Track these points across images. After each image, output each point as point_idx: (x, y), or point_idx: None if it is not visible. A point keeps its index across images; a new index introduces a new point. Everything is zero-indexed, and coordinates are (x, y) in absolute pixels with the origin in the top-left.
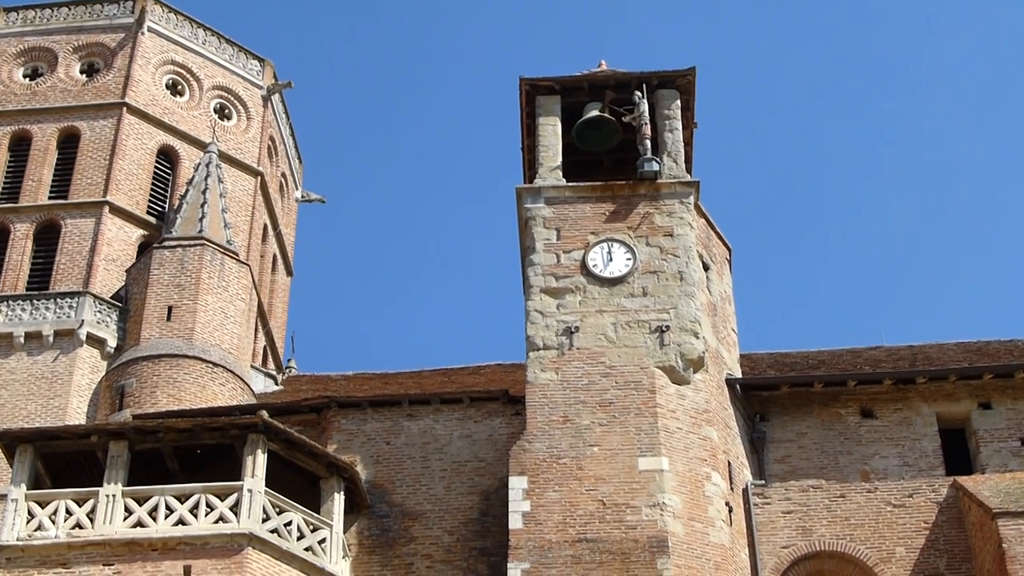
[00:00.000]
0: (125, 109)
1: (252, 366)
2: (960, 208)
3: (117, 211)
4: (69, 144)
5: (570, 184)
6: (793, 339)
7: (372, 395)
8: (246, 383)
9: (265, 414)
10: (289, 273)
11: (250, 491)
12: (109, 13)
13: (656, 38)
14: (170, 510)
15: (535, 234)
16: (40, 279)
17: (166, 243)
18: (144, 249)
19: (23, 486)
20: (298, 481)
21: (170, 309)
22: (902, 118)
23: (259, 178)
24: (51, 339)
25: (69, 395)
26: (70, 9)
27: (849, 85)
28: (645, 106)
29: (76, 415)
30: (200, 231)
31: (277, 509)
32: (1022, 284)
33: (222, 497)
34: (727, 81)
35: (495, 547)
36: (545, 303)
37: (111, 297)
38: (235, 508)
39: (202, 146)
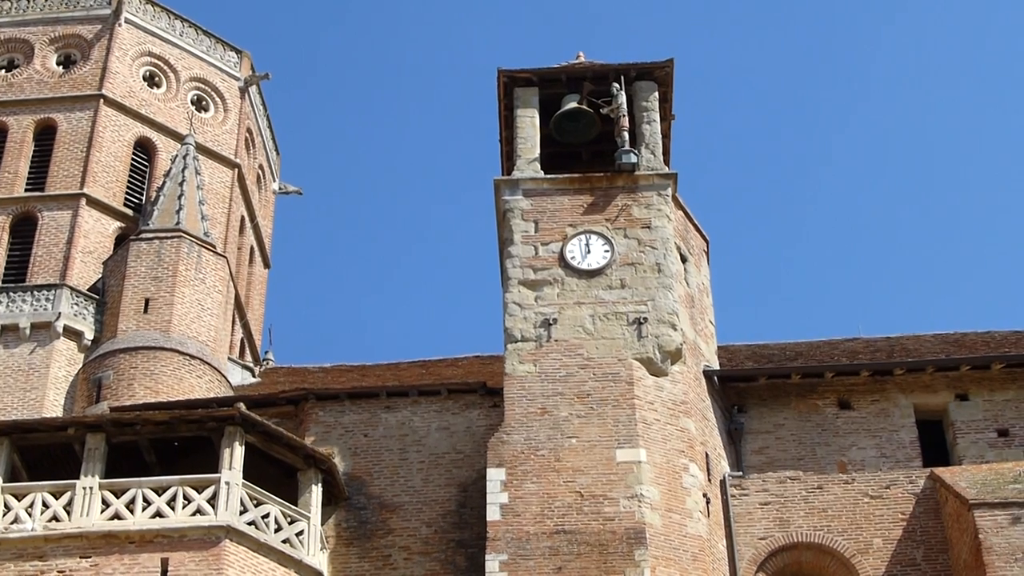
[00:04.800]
0: (102, 101)
1: (229, 358)
2: (938, 200)
3: (94, 203)
4: (46, 136)
5: (548, 176)
6: (770, 331)
7: (350, 387)
8: (223, 375)
9: (242, 406)
10: (266, 265)
11: (227, 483)
12: (86, 4)
13: (634, 30)
14: (147, 502)
15: (513, 226)
16: (16, 271)
17: (143, 235)
18: (121, 241)
19: None
20: (276, 473)
21: (147, 301)
22: (879, 110)
23: (236, 170)
24: (28, 331)
25: (46, 388)
26: (46, 0)
27: (826, 77)
28: (623, 98)
29: (53, 408)
30: (177, 223)
31: (255, 501)
32: (999, 276)
33: (199, 489)
34: (705, 73)
35: (473, 539)
36: (523, 295)
37: (88, 289)
38: (213, 500)
39: (179, 138)
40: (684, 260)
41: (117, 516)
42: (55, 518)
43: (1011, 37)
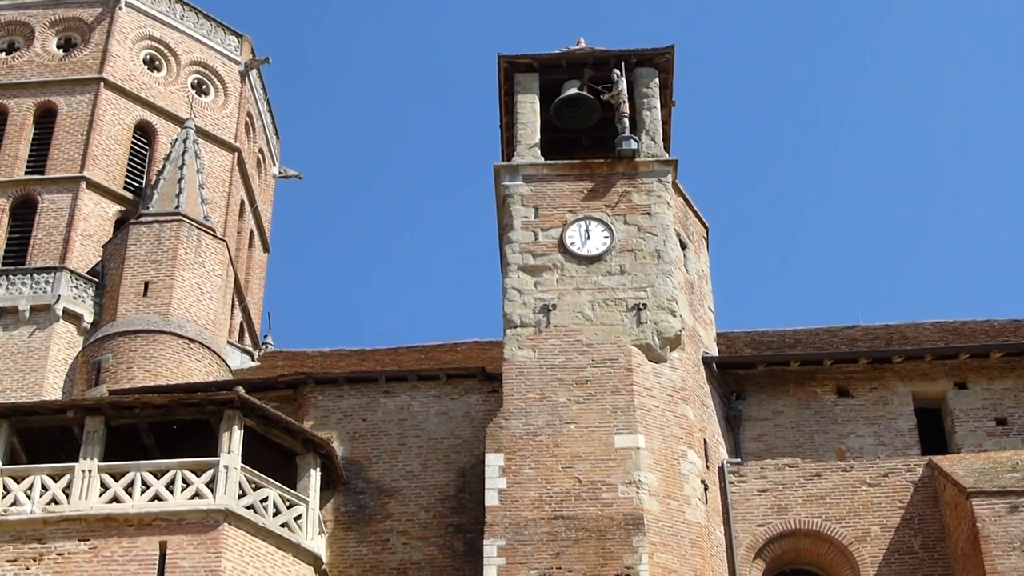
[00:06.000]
0: (102, 84)
1: (228, 342)
2: (938, 188)
3: (94, 186)
4: (46, 119)
5: (548, 162)
6: (770, 318)
7: (349, 371)
8: (222, 359)
9: (241, 390)
10: (266, 249)
11: (226, 467)
12: None
13: (635, 16)
14: (146, 486)
15: (513, 212)
16: (16, 254)
17: (143, 219)
18: (121, 224)
19: None
20: (274, 457)
21: (146, 285)
22: (879, 100)
23: (236, 154)
24: (27, 314)
25: (45, 370)
26: None
27: (827, 64)
28: (623, 84)
29: (52, 390)
30: (177, 207)
31: (253, 485)
32: (999, 264)
33: (198, 473)
34: (706, 60)
35: (471, 524)
36: (522, 281)
37: (88, 272)
38: (211, 484)
39: (179, 122)
40: (684, 247)
41: (116, 499)
42: (54, 501)
43: (1015, 25)
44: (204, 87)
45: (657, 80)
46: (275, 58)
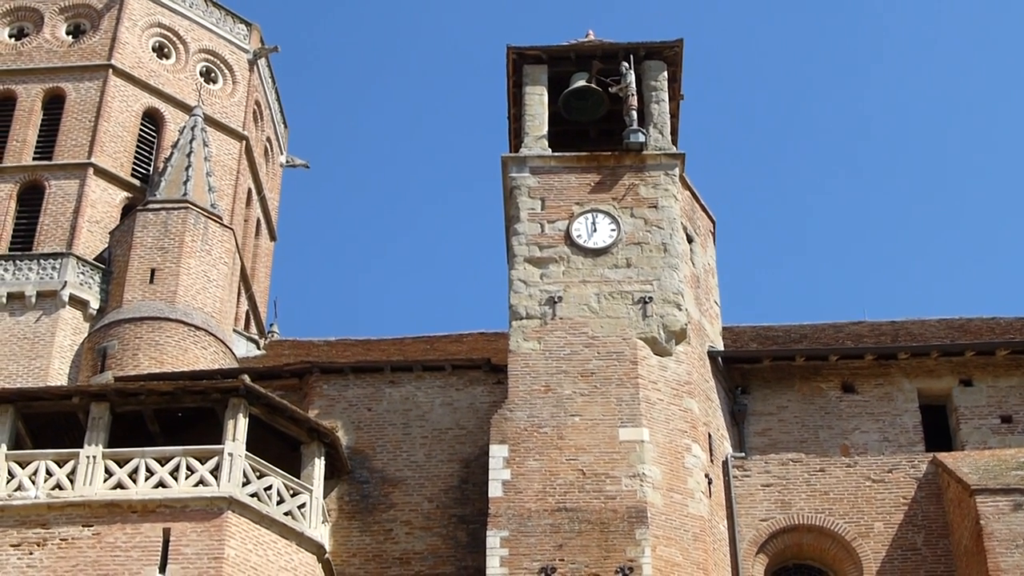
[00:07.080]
0: (111, 71)
1: (234, 330)
2: (944, 185)
3: (101, 173)
4: (54, 105)
5: (555, 154)
6: (776, 313)
7: (354, 361)
8: (228, 347)
9: (247, 378)
10: (273, 238)
11: (231, 455)
12: None
13: (644, 9)
14: (150, 472)
15: (520, 203)
16: (23, 240)
17: (150, 206)
18: (128, 211)
19: (3, 446)
20: (279, 446)
21: (153, 272)
22: (887, 93)
23: (244, 142)
24: (34, 300)
25: (51, 356)
26: None
27: (835, 59)
28: (632, 77)
29: (58, 376)
30: (184, 194)
31: (258, 473)
32: (1004, 261)
33: (203, 460)
34: (715, 53)
35: (475, 515)
36: (529, 272)
37: (94, 259)
38: (216, 471)
39: (187, 109)
40: (690, 240)
41: (120, 485)
42: (58, 486)
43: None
44: (212, 75)
45: (665, 73)
46: (284, 47)
